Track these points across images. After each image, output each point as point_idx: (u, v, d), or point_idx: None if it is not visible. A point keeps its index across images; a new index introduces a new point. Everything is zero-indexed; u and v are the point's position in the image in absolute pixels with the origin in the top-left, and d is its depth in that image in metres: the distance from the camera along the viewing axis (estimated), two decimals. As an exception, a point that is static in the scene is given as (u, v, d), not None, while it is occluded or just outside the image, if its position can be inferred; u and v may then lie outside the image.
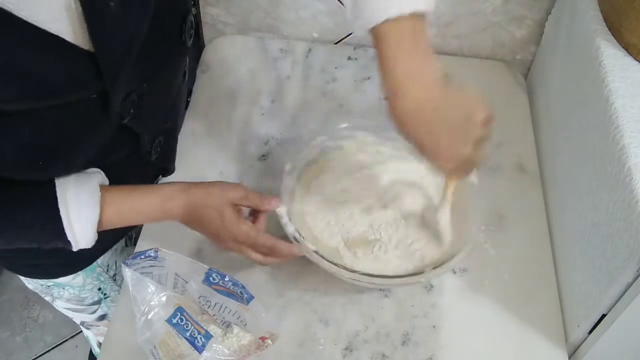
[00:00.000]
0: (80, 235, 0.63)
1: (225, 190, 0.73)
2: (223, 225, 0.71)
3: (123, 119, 0.64)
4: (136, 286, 0.69)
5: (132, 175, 0.78)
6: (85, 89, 0.57)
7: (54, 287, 0.90)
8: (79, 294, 0.92)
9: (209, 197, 0.71)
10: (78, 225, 0.63)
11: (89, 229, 0.64)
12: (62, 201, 0.62)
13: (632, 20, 0.74)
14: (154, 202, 0.70)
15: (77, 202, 0.63)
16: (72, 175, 0.64)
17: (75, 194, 0.63)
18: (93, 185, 0.65)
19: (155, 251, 0.70)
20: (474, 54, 1.14)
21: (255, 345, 0.71)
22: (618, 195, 0.66)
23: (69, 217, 0.62)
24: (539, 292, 0.83)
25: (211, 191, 0.72)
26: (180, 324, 0.67)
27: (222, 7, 1.13)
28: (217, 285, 0.71)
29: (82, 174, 0.65)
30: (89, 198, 0.64)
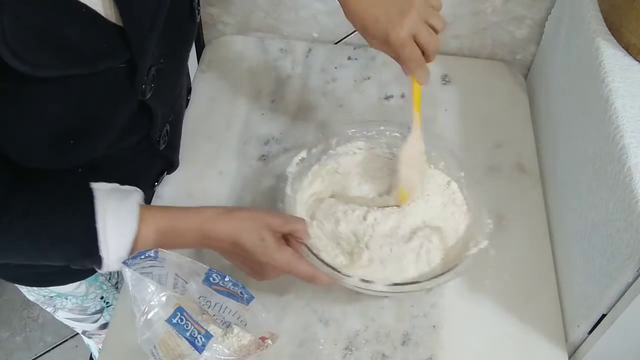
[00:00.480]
0: (114, 252, 0.62)
1: (264, 215, 0.71)
2: (263, 250, 0.69)
3: (145, 95, 0.64)
4: (136, 286, 0.68)
5: (140, 168, 0.79)
6: (114, 59, 0.58)
7: (57, 297, 0.89)
8: (81, 304, 0.91)
9: (251, 222, 0.69)
10: (113, 241, 0.61)
11: (122, 248, 0.62)
12: (101, 214, 0.60)
13: (632, 20, 0.74)
14: (194, 223, 0.68)
15: (116, 217, 0.61)
16: (111, 190, 0.63)
17: (115, 209, 0.62)
18: (133, 202, 0.64)
19: (155, 251, 0.70)
20: (474, 54, 1.14)
21: (255, 345, 0.71)
22: (618, 195, 0.66)
23: (106, 232, 0.61)
24: (539, 292, 0.83)
25: (252, 215, 0.70)
26: (180, 324, 0.67)
27: (222, 7, 1.13)
28: (217, 285, 0.71)
29: (121, 190, 0.64)
30: (128, 214, 0.63)
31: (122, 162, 0.71)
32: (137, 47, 0.59)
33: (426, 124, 1.01)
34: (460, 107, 1.05)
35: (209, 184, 0.92)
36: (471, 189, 0.84)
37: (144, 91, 0.64)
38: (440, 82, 1.09)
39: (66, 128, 0.60)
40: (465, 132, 1.01)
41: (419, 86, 0.78)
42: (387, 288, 0.73)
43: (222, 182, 0.92)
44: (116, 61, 0.59)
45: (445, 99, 1.06)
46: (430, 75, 0.74)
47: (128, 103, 0.65)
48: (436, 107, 1.04)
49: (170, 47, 0.67)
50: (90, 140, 0.63)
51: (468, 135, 1.00)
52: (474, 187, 0.84)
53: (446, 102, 1.05)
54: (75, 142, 0.61)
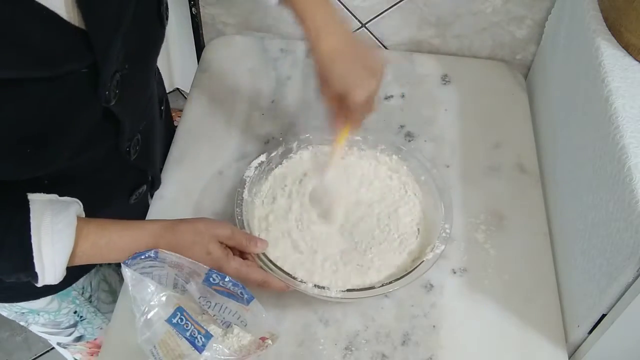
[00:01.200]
0: (49, 268, 0.60)
1: (211, 227, 0.71)
2: (210, 262, 0.70)
3: (109, 101, 0.62)
4: (136, 286, 0.69)
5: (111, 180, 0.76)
6: (76, 62, 0.56)
7: (29, 313, 0.87)
8: (54, 319, 0.89)
9: (195, 236, 0.70)
10: (48, 256, 0.60)
11: (58, 263, 0.61)
12: (36, 228, 0.59)
13: (632, 20, 0.74)
14: (138, 238, 0.68)
15: (51, 230, 0.59)
16: (48, 202, 0.61)
17: (51, 221, 0.59)
18: (70, 215, 0.62)
19: (156, 252, 0.70)
20: (474, 54, 1.14)
21: (255, 345, 0.71)
22: (618, 195, 0.66)
23: (40, 247, 0.59)
24: (539, 292, 0.83)
25: (197, 228, 0.70)
26: (180, 324, 0.67)
27: (222, 7, 1.13)
28: (217, 285, 0.71)
29: (58, 202, 0.62)
30: (64, 227, 0.61)
31: (90, 174, 0.69)
32: (100, 50, 0.57)
33: (426, 124, 1.01)
34: (460, 107, 1.05)
35: (209, 184, 0.92)
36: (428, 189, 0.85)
37: (107, 97, 0.62)
38: (440, 82, 1.09)
39: (24, 133, 0.57)
40: (465, 132, 1.01)
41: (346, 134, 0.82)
42: (341, 294, 0.73)
43: (222, 182, 0.92)
44: (78, 65, 0.57)
45: (445, 99, 1.06)
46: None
47: (91, 109, 0.62)
48: (436, 107, 1.04)
49: (136, 52, 0.65)
50: (50, 147, 0.60)
51: (468, 135, 1.00)
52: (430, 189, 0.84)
53: (446, 102, 1.05)
54: (34, 148, 0.59)
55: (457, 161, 0.96)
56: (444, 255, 0.85)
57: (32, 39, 0.51)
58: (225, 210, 0.89)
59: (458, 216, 0.87)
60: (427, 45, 1.13)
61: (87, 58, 0.57)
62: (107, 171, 0.74)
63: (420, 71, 1.10)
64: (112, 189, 0.77)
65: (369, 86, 0.72)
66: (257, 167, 0.84)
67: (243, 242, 0.73)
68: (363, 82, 0.72)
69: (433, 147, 0.98)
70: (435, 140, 0.99)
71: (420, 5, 1.06)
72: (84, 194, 0.68)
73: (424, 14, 1.08)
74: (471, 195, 0.92)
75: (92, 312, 0.93)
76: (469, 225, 0.89)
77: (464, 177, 0.94)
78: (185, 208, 0.89)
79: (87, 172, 0.68)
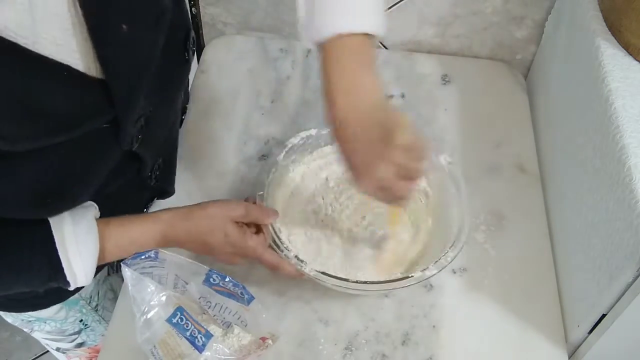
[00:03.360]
0: (80, 272, 0.61)
1: (225, 209, 0.72)
2: (230, 245, 0.71)
3: (132, 146, 0.62)
4: (136, 286, 0.68)
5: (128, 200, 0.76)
6: (98, 119, 0.54)
7: (35, 321, 0.87)
8: (60, 327, 0.90)
9: (211, 221, 0.70)
10: (77, 263, 0.60)
11: (88, 267, 0.62)
12: (59, 238, 0.59)
13: (632, 20, 0.74)
14: (154, 232, 0.68)
15: (75, 240, 0.60)
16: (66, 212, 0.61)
17: (73, 231, 0.60)
18: (90, 220, 0.62)
19: (156, 252, 0.70)
20: (474, 54, 1.14)
21: (255, 345, 0.71)
22: (618, 195, 0.66)
23: (68, 256, 0.60)
24: (539, 292, 0.83)
25: (212, 213, 0.71)
26: (180, 324, 0.67)
27: (222, 7, 1.13)
28: (218, 286, 0.71)
29: (76, 209, 0.62)
30: (87, 234, 0.61)
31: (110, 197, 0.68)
32: (121, 103, 0.55)
33: (426, 124, 1.01)
34: (460, 107, 1.05)
35: (209, 184, 0.92)
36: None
37: (130, 144, 0.61)
38: (440, 82, 1.09)
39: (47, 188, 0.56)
40: (465, 132, 1.01)
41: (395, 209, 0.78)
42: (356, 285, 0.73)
43: (222, 182, 0.92)
44: (100, 120, 0.55)
45: (445, 99, 1.06)
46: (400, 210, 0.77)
47: (111, 156, 0.62)
48: (436, 107, 1.04)
49: (161, 93, 0.64)
50: (72, 195, 0.61)
51: (468, 135, 1.00)
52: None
53: (446, 102, 1.05)
54: (58, 198, 0.59)
55: (457, 161, 0.96)
56: (444, 255, 0.86)
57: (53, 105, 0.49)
58: (225, 210, 0.89)
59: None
60: (427, 45, 1.13)
61: (108, 113, 0.55)
62: (126, 193, 0.74)
63: (420, 71, 1.10)
64: (128, 206, 0.77)
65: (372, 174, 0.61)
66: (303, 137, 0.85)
67: (258, 215, 0.74)
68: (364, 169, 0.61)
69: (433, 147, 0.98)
70: (435, 140, 0.99)
71: (420, 5, 1.06)
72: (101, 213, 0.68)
73: (424, 14, 1.08)
74: (471, 195, 0.91)
75: (97, 321, 0.94)
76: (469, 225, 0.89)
77: (464, 177, 0.94)
78: (185, 208, 0.89)
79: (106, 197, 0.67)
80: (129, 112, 0.57)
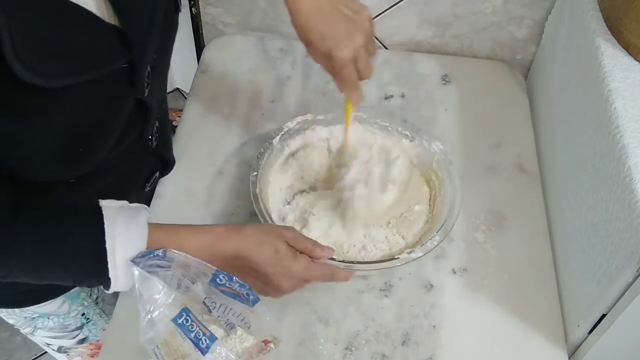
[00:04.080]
0: (122, 274, 0.61)
1: (278, 228, 0.71)
2: (278, 262, 0.69)
3: (144, 92, 0.64)
4: (143, 284, 0.68)
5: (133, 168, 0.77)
6: (117, 60, 0.58)
7: (39, 318, 0.87)
8: (63, 322, 0.90)
9: (263, 235, 0.69)
10: (123, 263, 0.60)
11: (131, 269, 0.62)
12: (110, 235, 0.59)
13: (632, 20, 0.74)
14: (204, 240, 0.68)
15: (125, 237, 0.60)
16: (119, 209, 0.62)
17: (125, 231, 0.60)
18: (142, 221, 0.63)
19: (164, 251, 0.69)
20: (474, 54, 1.14)
21: (258, 348, 0.70)
22: (618, 195, 0.66)
23: (115, 253, 0.59)
24: (539, 292, 0.83)
25: (265, 229, 0.70)
26: (185, 325, 0.67)
27: (222, 7, 1.13)
28: (224, 286, 0.71)
29: (129, 209, 0.63)
30: (137, 234, 0.61)
31: (115, 165, 0.69)
32: (137, 47, 0.59)
33: (426, 124, 1.01)
34: (460, 107, 1.05)
35: (209, 184, 0.92)
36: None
37: (143, 89, 0.64)
38: (440, 82, 1.09)
39: (75, 136, 0.58)
40: (465, 132, 1.01)
41: (351, 106, 0.80)
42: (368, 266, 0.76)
43: (222, 182, 0.92)
44: (119, 62, 0.58)
45: (445, 99, 1.06)
46: (362, 97, 0.78)
47: (126, 103, 0.64)
48: (436, 107, 1.04)
49: (162, 40, 0.66)
50: (96, 146, 0.62)
51: (468, 135, 1.00)
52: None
53: (446, 102, 1.05)
54: (84, 149, 0.60)
55: (457, 161, 0.96)
56: (444, 255, 0.86)
57: (77, 43, 0.53)
58: (226, 210, 0.89)
59: (458, 216, 0.87)
60: (427, 45, 1.13)
61: (125, 55, 0.58)
62: (130, 160, 0.74)
63: (420, 71, 1.10)
64: (130, 179, 0.78)
65: (353, 41, 0.69)
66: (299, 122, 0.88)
67: (308, 245, 0.72)
68: (343, 41, 0.69)
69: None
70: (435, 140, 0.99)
71: (420, 5, 1.06)
72: (105, 188, 0.69)
73: (424, 14, 1.08)
74: (471, 195, 0.92)
75: (98, 314, 0.94)
76: (469, 225, 0.89)
77: (464, 177, 0.94)
78: (186, 208, 0.89)
79: (111, 165, 0.68)
80: (144, 54, 0.60)
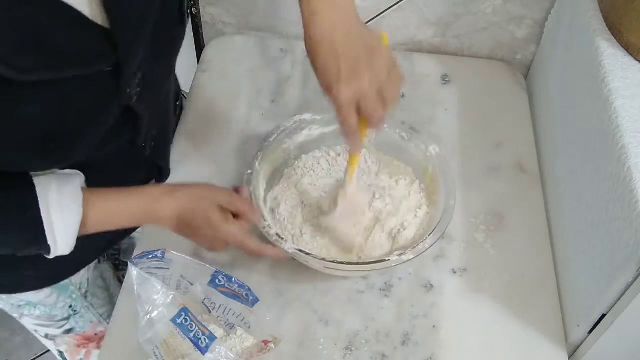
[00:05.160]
0: (61, 239, 0.61)
1: (211, 192, 0.73)
2: (211, 227, 0.71)
3: (130, 99, 0.63)
4: (142, 285, 0.69)
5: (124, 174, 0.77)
6: (101, 62, 0.57)
7: (26, 306, 0.88)
8: (50, 312, 0.90)
9: (196, 200, 0.71)
10: (60, 228, 0.61)
11: (70, 233, 0.62)
12: (44, 202, 0.60)
13: (632, 20, 0.74)
14: (140, 203, 0.69)
15: (59, 204, 0.61)
16: (52, 176, 0.62)
17: (58, 196, 0.61)
18: (75, 187, 0.63)
19: (163, 252, 0.70)
20: (474, 54, 1.14)
21: (257, 348, 0.70)
22: (618, 195, 0.66)
23: (51, 219, 0.60)
24: (539, 292, 0.83)
25: (198, 193, 0.72)
26: (184, 324, 0.67)
27: (222, 7, 1.13)
28: (223, 287, 0.71)
29: (62, 175, 0.63)
30: (71, 200, 0.62)
31: (103, 168, 0.70)
32: (123, 50, 0.58)
33: (426, 124, 1.01)
34: (460, 107, 1.05)
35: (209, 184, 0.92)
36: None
37: (129, 95, 0.63)
38: (440, 82, 1.09)
39: (48, 130, 0.58)
40: (465, 132, 1.01)
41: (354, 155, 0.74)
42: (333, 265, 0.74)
43: (222, 182, 0.92)
44: (103, 64, 0.57)
45: (445, 99, 1.06)
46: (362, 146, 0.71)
47: (112, 107, 0.63)
48: (436, 107, 1.04)
49: (157, 51, 0.65)
50: (71, 143, 0.61)
51: (468, 135, 1.00)
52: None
53: (446, 102, 1.05)
54: (57, 145, 0.60)
55: (457, 161, 0.96)
56: (444, 255, 0.86)
57: (58, 41, 0.52)
58: (225, 210, 0.89)
59: (458, 216, 0.87)
60: (427, 45, 1.13)
61: (111, 57, 0.57)
62: (120, 165, 0.75)
63: (420, 71, 1.10)
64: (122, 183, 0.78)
65: (357, 81, 0.61)
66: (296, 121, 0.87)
67: (243, 208, 0.74)
68: (346, 78, 0.61)
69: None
70: (435, 140, 0.99)
71: (420, 5, 1.06)
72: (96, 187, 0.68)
73: (424, 14, 1.08)
74: (471, 195, 0.92)
75: (86, 307, 0.94)
76: (469, 225, 0.89)
77: (464, 177, 0.94)
78: (185, 208, 0.89)
79: (100, 166, 0.69)
80: (130, 58, 0.59)
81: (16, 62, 0.49)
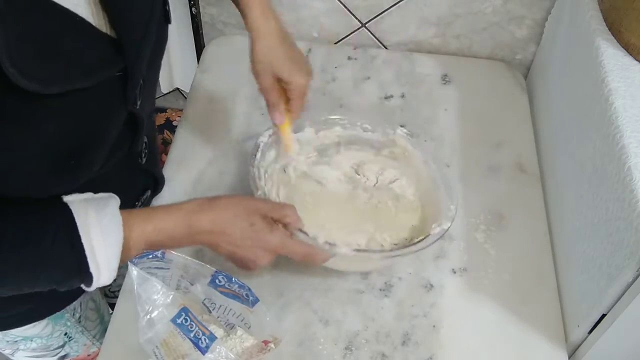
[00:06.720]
0: (104, 266, 0.57)
1: (251, 200, 0.70)
2: (254, 237, 0.67)
3: (136, 104, 0.63)
4: (142, 285, 0.68)
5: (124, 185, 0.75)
6: (110, 69, 0.57)
7: (21, 340, 0.84)
8: (46, 343, 0.87)
9: (236, 209, 0.68)
10: (102, 254, 0.56)
11: (113, 258, 0.58)
12: (83, 228, 0.55)
13: (632, 20, 0.74)
14: (178, 217, 0.65)
15: (99, 227, 0.56)
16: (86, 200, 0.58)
17: (97, 219, 0.57)
18: (113, 208, 0.59)
19: (163, 252, 0.69)
20: (474, 54, 1.14)
21: (257, 348, 0.70)
22: (618, 195, 0.66)
23: (92, 246, 0.56)
24: (539, 292, 0.83)
25: (238, 201, 0.69)
26: (184, 324, 0.67)
27: (222, 7, 1.13)
28: (223, 287, 0.71)
29: (97, 199, 0.60)
30: (111, 222, 0.58)
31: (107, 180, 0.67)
32: (131, 55, 0.58)
33: (426, 124, 1.01)
34: (460, 107, 1.05)
35: (209, 184, 0.92)
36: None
37: (135, 100, 0.62)
38: (440, 82, 1.09)
39: (66, 147, 0.56)
40: (465, 132, 1.01)
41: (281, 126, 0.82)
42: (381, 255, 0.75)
43: (222, 182, 0.92)
44: (112, 70, 0.57)
45: (445, 98, 1.06)
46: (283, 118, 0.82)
47: (120, 113, 0.62)
48: (436, 107, 1.04)
49: (153, 52, 0.65)
50: (87, 159, 0.60)
51: (468, 135, 1.00)
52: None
53: (446, 102, 1.05)
54: (75, 161, 0.58)
55: (457, 161, 0.96)
56: (444, 255, 0.86)
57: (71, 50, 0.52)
58: (225, 210, 0.89)
59: (458, 216, 0.87)
60: (427, 45, 1.13)
61: (118, 63, 0.57)
62: (122, 176, 0.73)
63: (420, 71, 1.10)
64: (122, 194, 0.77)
65: (307, 74, 0.77)
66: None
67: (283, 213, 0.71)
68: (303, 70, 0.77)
69: (433, 147, 0.98)
70: (435, 140, 0.99)
71: (420, 5, 1.07)
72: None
73: (424, 14, 1.08)
74: (471, 195, 0.92)
75: (80, 331, 0.92)
76: (469, 225, 0.89)
77: (464, 177, 0.94)
78: (185, 208, 0.89)
79: (103, 179, 0.66)
80: (138, 63, 0.60)
81: (40, 75, 0.49)
